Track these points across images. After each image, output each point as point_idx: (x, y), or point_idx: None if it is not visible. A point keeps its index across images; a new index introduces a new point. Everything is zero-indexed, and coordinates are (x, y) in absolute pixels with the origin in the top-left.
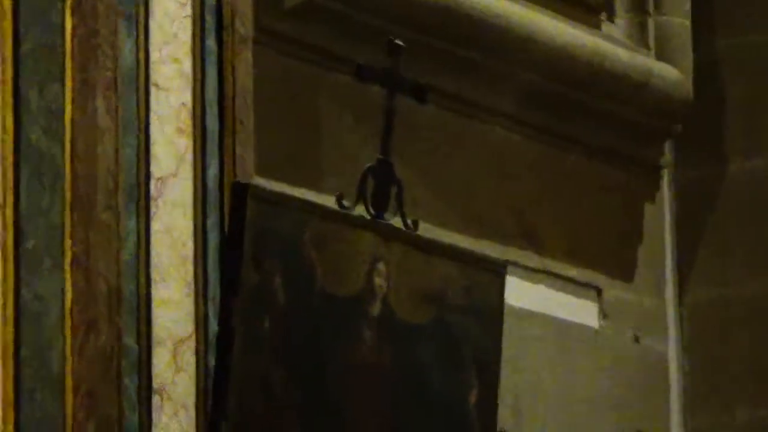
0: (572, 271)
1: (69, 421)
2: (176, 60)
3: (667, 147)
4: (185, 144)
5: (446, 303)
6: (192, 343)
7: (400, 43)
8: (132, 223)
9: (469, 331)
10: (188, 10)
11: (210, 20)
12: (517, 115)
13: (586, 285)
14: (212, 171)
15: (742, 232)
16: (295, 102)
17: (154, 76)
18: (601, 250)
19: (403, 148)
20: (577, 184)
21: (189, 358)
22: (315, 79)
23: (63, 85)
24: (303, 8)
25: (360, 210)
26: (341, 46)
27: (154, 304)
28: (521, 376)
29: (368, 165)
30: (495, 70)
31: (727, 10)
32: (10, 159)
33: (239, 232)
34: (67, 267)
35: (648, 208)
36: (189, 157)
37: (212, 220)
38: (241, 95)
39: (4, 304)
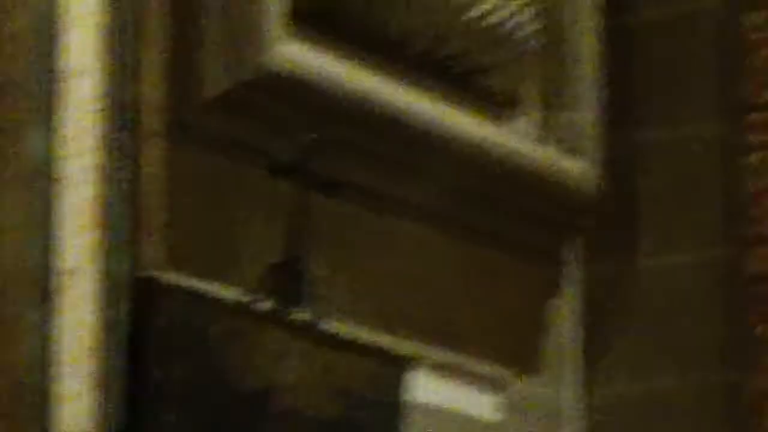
0: (478, 366)
1: None
2: (86, 153)
3: (575, 242)
4: (93, 238)
5: (354, 398)
6: None
7: (313, 138)
8: (36, 318)
9: (376, 427)
10: (99, 103)
11: (121, 113)
12: (430, 209)
13: (491, 379)
14: (119, 265)
15: (649, 329)
16: (206, 196)
17: (63, 170)
18: (507, 345)
19: (315, 242)
20: (486, 278)
21: None
22: (227, 173)
23: None
24: (217, 102)
25: (268, 305)
26: (256, 140)
27: (57, 400)
28: None
29: (276, 260)
30: (409, 165)
31: (639, 104)
32: None
33: (145, 327)
34: None
35: (553, 303)
36: (96, 251)
37: (118, 315)
38: (150, 189)
39: None
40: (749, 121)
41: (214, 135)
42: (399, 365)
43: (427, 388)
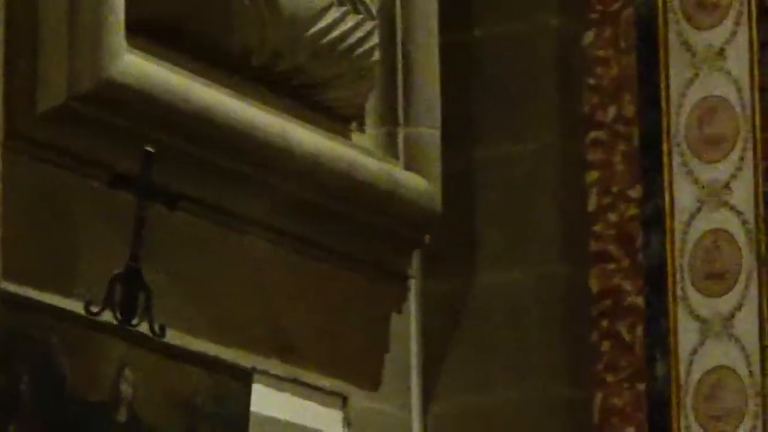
0: (319, 380)
1: None
2: None
3: (415, 257)
4: None
5: (195, 410)
6: None
7: (152, 150)
8: None
9: None
10: None
11: None
12: (271, 223)
13: (332, 393)
14: None
15: (490, 344)
16: (46, 207)
17: None
18: (348, 359)
19: (156, 254)
20: (328, 293)
21: None
22: (67, 185)
23: None
24: (56, 113)
25: (108, 316)
26: (95, 151)
27: None
28: None
29: (116, 271)
30: (250, 179)
31: (479, 121)
32: None
33: None
34: None
35: (395, 318)
36: None
37: None
38: None
39: None
40: (589, 139)
41: (54, 145)
42: (240, 378)
43: (268, 402)
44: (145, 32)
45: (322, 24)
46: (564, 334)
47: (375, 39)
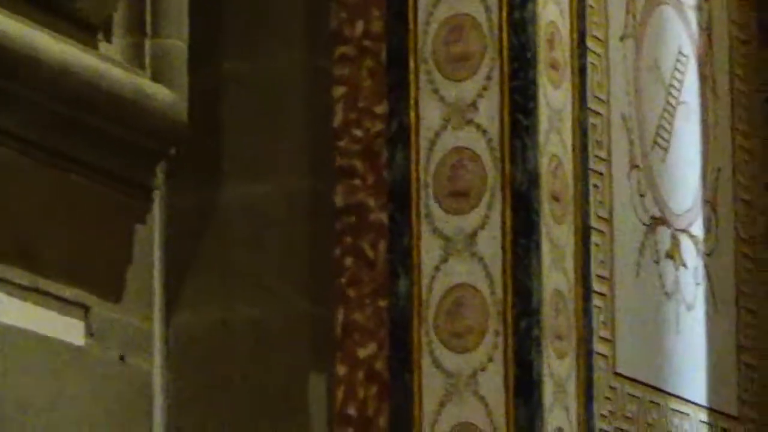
0: (61, 289)
1: None
2: None
3: (161, 169)
4: None
5: None
6: None
7: None
8: None
9: None
10: None
11: None
12: (17, 133)
13: (74, 303)
14: None
15: (232, 258)
16: None
17: None
18: (91, 270)
19: None
20: (73, 204)
21: None
22: None
23: None
24: None
25: None
26: None
27: None
28: (7, 394)
29: None
30: None
31: (227, 35)
32: None
33: None
34: None
35: (139, 230)
36: None
37: None
38: None
39: None
40: (336, 54)
41: None
42: None
43: (9, 310)
44: None
45: None
46: (307, 249)
47: None
